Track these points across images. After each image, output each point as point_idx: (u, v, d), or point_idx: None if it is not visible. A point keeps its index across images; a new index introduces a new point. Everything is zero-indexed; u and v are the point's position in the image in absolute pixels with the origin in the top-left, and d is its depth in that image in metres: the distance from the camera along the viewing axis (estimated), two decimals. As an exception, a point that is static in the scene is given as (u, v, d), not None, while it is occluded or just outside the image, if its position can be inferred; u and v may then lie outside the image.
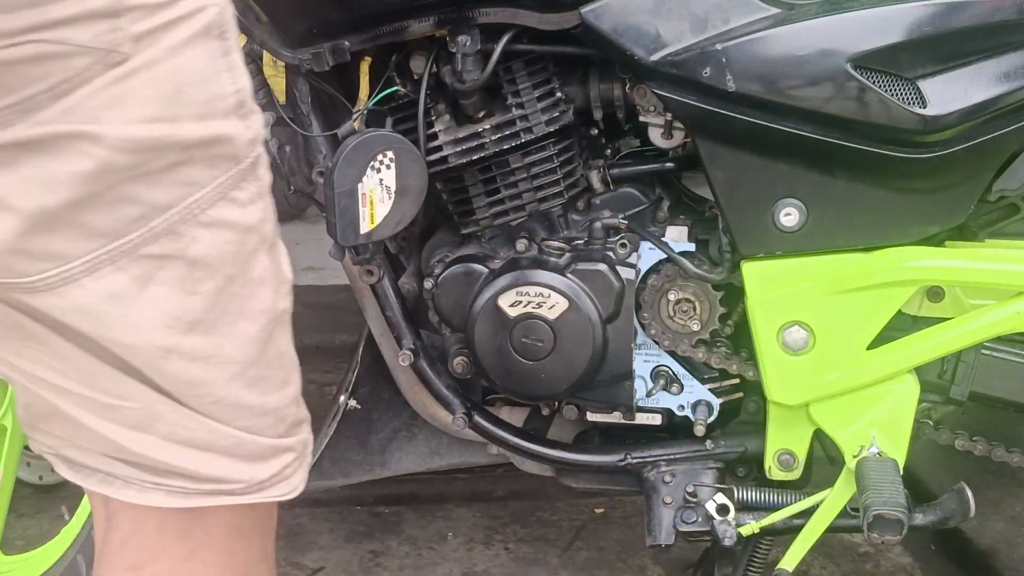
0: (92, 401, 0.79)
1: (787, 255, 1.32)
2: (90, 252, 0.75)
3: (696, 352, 1.42)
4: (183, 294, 0.79)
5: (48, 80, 0.71)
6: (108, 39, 0.72)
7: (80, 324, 0.77)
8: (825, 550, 1.95)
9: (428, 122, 1.36)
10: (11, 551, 1.85)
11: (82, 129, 0.73)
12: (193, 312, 0.80)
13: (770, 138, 1.26)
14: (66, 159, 0.73)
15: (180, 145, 0.77)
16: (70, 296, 0.75)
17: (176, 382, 0.81)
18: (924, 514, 1.33)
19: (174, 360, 0.80)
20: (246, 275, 0.83)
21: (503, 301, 1.37)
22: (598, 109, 1.40)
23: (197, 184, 0.79)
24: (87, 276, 0.75)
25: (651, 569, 1.95)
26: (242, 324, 0.83)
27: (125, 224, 0.76)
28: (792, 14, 1.25)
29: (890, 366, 1.31)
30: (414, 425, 1.67)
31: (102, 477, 0.83)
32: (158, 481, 0.82)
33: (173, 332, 0.79)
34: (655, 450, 1.46)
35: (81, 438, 0.82)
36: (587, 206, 1.45)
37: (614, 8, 1.26)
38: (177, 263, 0.79)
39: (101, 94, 0.73)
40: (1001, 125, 1.24)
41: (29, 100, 0.71)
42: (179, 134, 0.76)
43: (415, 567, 1.99)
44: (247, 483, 0.85)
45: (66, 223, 0.74)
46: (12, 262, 0.74)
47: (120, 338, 0.78)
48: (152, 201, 0.76)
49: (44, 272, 0.74)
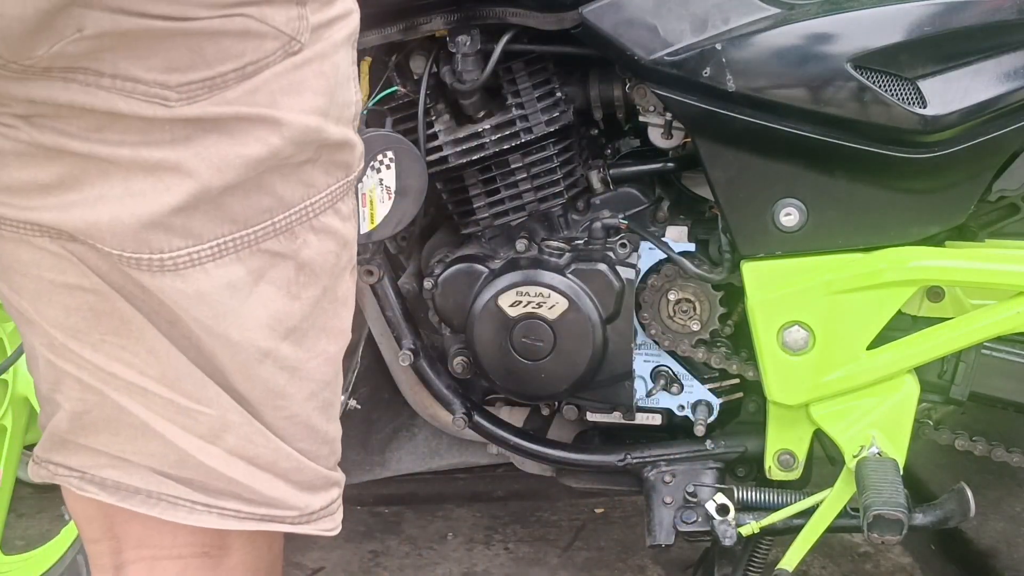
0: (169, 404, 0.77)
1: (787, 255, 1.31)
2: (220, 236, 0.75)
3: (696, 352, 1.42)
4: (287, 297, 0.79)
5: (241, 59, 0.72)
6: (295, 26, 0.74)
7: (195, 311, 0.75)
8: (825, 550, 1.95)
9: (428, 122, 1.36)
10: (11, 551, 1.85)
11: (264, 113, 0.73)
12: (292, 318, 0.79)
13: (770, 138, 1.26)
14: (243, 142, 0.73)
15: (321, 142, 0.78)
16: (193, 280, 0.75)
17: (261, 390, 0.79)
18: (924, 514, 1.33)
19: (267, 365, 0.79)
20: (335, 291, 0.83)
21: (503, 301, 1.37)
22: (598, 109, 1.40)
23: (315, 187, 0.79)
24: (212, 261, 0.75)
25: (651, 569, 1.95)
26: (325, 341, 0.83)
27: (256, 213, 0.76)
28: (792, 14, 1.25)
29: (890, 366, 1.31)
30: (414, 425, 1.67)
31: (145, 498, 0.80)
32: (211, 502, 0.80)
33: (273, 335, 0.78)
34: (655, 450, 1.46)
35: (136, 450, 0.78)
36: (587, 206, 1.45)
37: (614, 8, 1.26)
38: (288, 264, 0.78)
39: (281, 79, 0.74)
40: (1001, 125, 1.24)
41: (219, 77, 0.71)
42: (326, 132, 0.77)
43: (415, 567, 1.99)
44: (300, 511, 0.83)
45: (211, 204, 0.74)
46: (151, 236, 0.73)
47: (228, 332, 0.76)
48: (281, 194, 0.77)
49: (177, 250, 0.74)
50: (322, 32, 0.76)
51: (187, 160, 0.72)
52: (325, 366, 0.83)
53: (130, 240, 0.72)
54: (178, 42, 0.69)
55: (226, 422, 0.78)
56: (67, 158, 0.71)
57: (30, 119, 0.71)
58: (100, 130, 0.71)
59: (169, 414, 0.78)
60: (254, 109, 0.73)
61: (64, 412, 0.79)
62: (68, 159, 0.71)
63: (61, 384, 0.79)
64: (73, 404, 0.79)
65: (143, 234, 0.72)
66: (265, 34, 0.72)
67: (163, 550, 0.83)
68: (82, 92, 0.69)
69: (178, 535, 0.83)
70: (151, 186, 0.72)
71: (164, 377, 0.77)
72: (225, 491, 0.80)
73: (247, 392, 0.79)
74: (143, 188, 0.72)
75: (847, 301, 1.30)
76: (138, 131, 0.71)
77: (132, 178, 0.72)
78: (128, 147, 0.71)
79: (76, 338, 0.77)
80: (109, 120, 0.70)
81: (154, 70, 0.69)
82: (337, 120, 0.78)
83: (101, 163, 0.71)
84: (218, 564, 0.84)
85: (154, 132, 0.71)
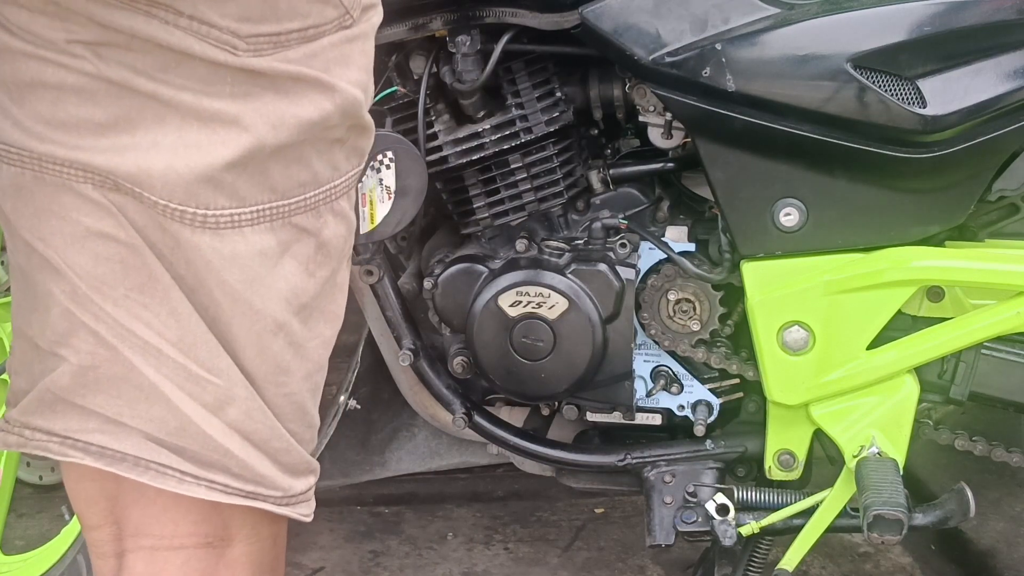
0: (181, 369, 0.77)
1: (787, 255, 1.32)
2: (260, 203, 0.76)
3: (696, 352, 1.42)
4: (305, 274, 0.80)
5: (306, 20, 0.74)
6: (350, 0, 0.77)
7: (227, 272, 0.76)
8: (825, 550, 1.95)
9: (428, 122, 1.36)
10: (11, 551, 1.85)
11: (320, 77, 0.76)
12: (306, 295, 0.81)
13: (770, 138, 1.26)
14: (298, 103, 0.75)
15: (356, 121, 0.80)
16: (231, 241, 0.76)
17: (269, 365, 0.81)
18: (924, 514, 1.33)
19: (279, 339, 0.80)
20: (336, 277, 0.85)
21: (503, 301, 1.37)
22: (598, 109, 1.40)
23: (339, 170, 0.81)
24: (250, 226, 0.76)
25: (651, 569, 1.95)
26: (324, 324, 0.85)
27: (293, 186, 0.78)
28: (792, 14, 1.25)
29: (890, 366, 1.31)
30: (414, 425, 1.67)
31: (132, 464, 0.78)
32: (200, 474, 0.79)
33: (288, 309, 0.80)
34: (655, 450, 1.46)
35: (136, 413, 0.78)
36: (587, 206, 1.45)
37: (614, 8, 1.26)
38: (310, 241, 0.80)
39: (335, 49, 0.77)
40: (1001, 125, 1.24)
41: (284, 35, 0.74)
42: (363, 110, 0.80)
43: (415, 567, 1.99)
44: (283, 492, 0.84)
45: (258, 167, 0.75)
46: (200, 189, 0.74)
47: (252, 298, 0.78)
48: (316, 171, 0.79)
49: (221, 209, 0.75)
50: (370, 12, 0.80)
51: (245, 114, 0.74)
52: (321, 348, 0.85)
53: (180, 191, 0.73)
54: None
55: (231, 395, 0.79)
56: (127, 97, 0.72)
57: (99, 49, 0.72)
58: (166, 70, 0.72)
59: (179, 379, 0.78)
60: (312, 72, 0.75)
61: (68, 366, 0.78)
62: (128, 98, 0.72)
63: (73, 336, 0.78)
64: (82, 358, 0.78)
65: (194, 187, 0.74)
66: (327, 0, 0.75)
67: (164, 539, 0.83)
68: (161, 28, 0.71)
69: (180, 524, 0.82)
70: (206, 138, 0.73)
71: (181, 341, 0.77)
72: (217, 464, 0.80)
73: (256, 367, 0.80)
74: (198, 139, 0.73)
75: (847, 301, 1.30)
76: (202, 78, 0.73)
77: (187, 127, 0.73)
78: (190, 92, 0.73)
79: (100, 290, 0.76)
80: (177, 61, 0.72)
81: (228, 17, 0.71)
82: (368, 103, 0.81)
83: (160, 107, 0.73)
84: (221, 555, 0.84)
85: (217, 82, 0.73)
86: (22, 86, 0.73)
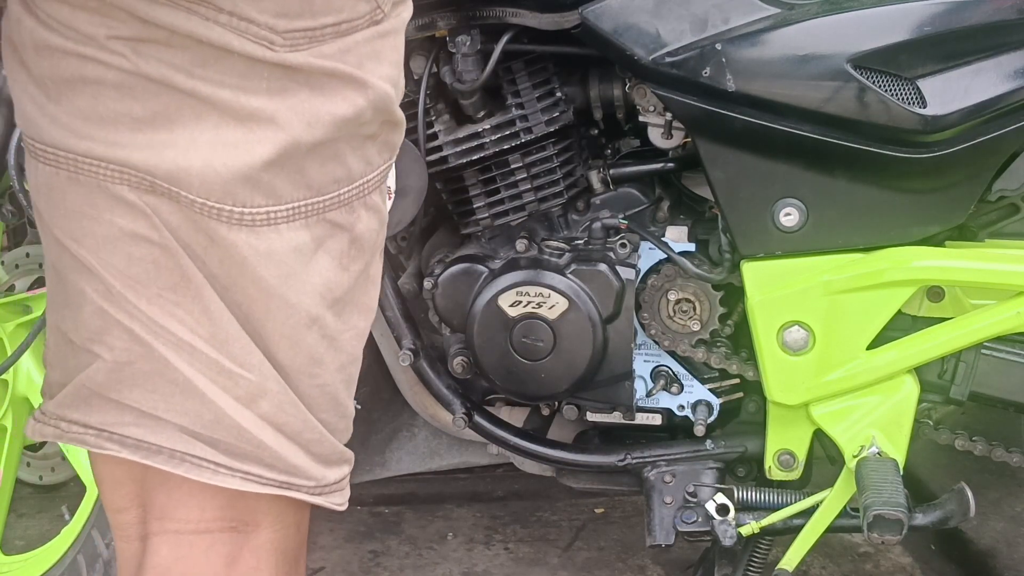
0: (214, 364, 0.78)
1: (787, 255, 1.32)
2: (296, 200, 0.77)
3: (696, 352, 1.42)
4: (339, 268, 0.81)
5: (340, 14, 0.75)
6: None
7: (263, 268, 0.77)
8: (825, 550, 1.95)
9: (428, 122, 1.36)
10: (11, 551, 1.85)
11: (354, 73, 0.76)
12: (340, 288, 0.82)
13: (770, 138, 1.26)
14: (332, 100, 0.76)
15: (388, 116, 0.81)
16: (266, 238, 0.76)
17: (303, 357, 0.81)
18: (924, 514, 1.33)
19: (313, 332, 0.81)
20: (369, 270, 0.85)
21: (503, 301, 1.37)
22: (598, 109, 1.40)
23: (371, 165, 0.82)
24: (286, 223, 0.77)
25: (651, 569, 1.95)
26: (358, 316, 0.85)
27: (328, 182, 0.78)
28: (792, 14, 1.25)
29: (890, 366, 1.31)
30: (414, 425, 1.67)
31: (168, 456, 0.79)
32: (234, 466, 0.80)
33: (322, 303, 0.81)
34: (655, 450, 1.46)
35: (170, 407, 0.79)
36: (587, 206, 1.45)
37: (614, 8, 1.26)
38: (344, 236, 0.81)
39: (367, 44, 0.77)
40: (1001, 125, 1.24)
41: (320, 30, 0.74)
42: (394, 106, 0.81)
43: (415, 567, 1.99)
44: (316, 482, 0.85)
45: (295, 164, 0.76)
46: (238, 188, 0.74)
47: (287, 294, 0.78)
48: (350, 167, 0.79)
49: (257, 207, 0.75)
50: (397, 8, 0.80)
51: (281, 112, 0.74)
52: (355, 340, 0.86)
53: (218, 189, 0.74)
54: None
55: (264, 388, 0.80)
56: (165, 94, 0.73)
57: (138, 46, 0.72)
58: (205, 66, 0.72)
59: (212, 373, 0.79)
60: (346, 67, 0.76)
61: (103, 363, 0.79)
62: (166, 95, 0.73)
63: (107, 334, 0.79)
64: (117, 354, 0.79)
65: (231, 185, 0.74)
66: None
67: (190, 523, 0.83)
68: (201, 24, 0.71)
69: (206, 509, 0.83)
70: (243, 136, 0.74)
71: (213, 338, 0.78)
72: (250, 455, 0.81)
73: (289, 360, 0.81)
74: (235, 138, 0.73)
75: (847, 301, 1.30)
76: (240, 74, 0.73)
77: (224, 125, 0.73)
78: (228, 89, 0.73)
79: (134, 289, 0.77)
80: (216, 57, 0.72)
81: (266, 12, 0.72)
82: (399, 97, 0.82)
83: (198, 104, 0.73)
84: (246, 540, 0.85)
85: (254, 77, 0.73)
86: (61, 83, 0.74)
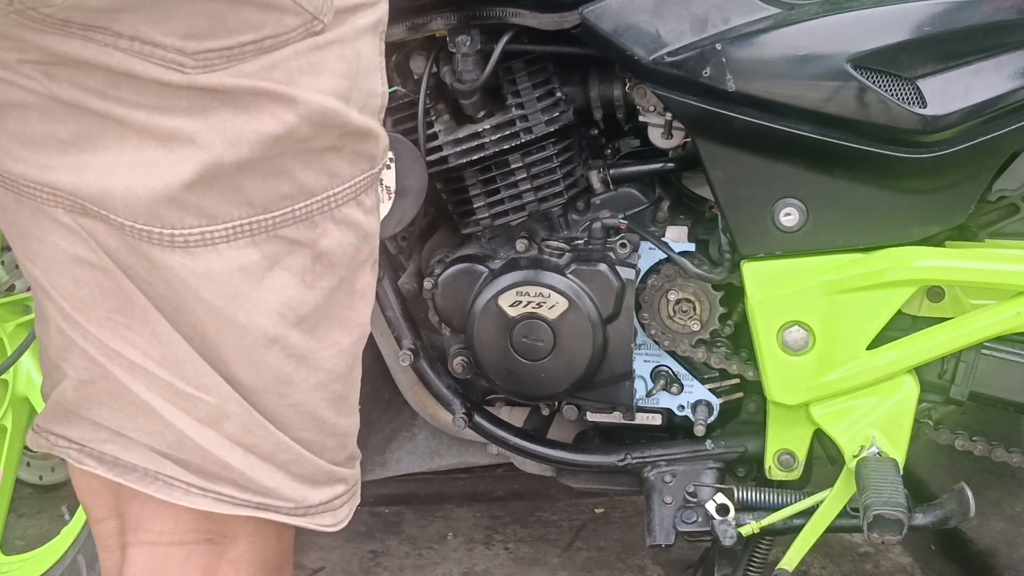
0: (169, 387, 0.77)
1: (787, 255, 1.31)
2: (236, 219, 0.75)
3: (696, 352, 1.42)
4: (302, 285, 0.79)
5: (261, 31, 0.72)
6: (316, 4, 0.74)
7: (204, 290, 0.75)
8: (825, 550, 1.95)
9: (428, 122, 1.36)
10: (11, 551, 1.85)
11: (280, 89, 0.73)
12: (306, 306, 0.80)
13: (770, 138, 1.26)
14: (258, 118, 0.73)
15: (343, 128, 0.78)
16: (204, 260, 0.74)
17: (267, 376, 0.79)
18: (924, 514, 1.33)
19: (275, 352, 0.79)
20: (352, 283, 0.83)
21: (503, 301, 1.37)
22: (598, 109, 1.40)
23: (339, 177, 0.79)
24: (225, 243, 0.75)
25: (651, 569, 1.95)
26: (339, 333, 0.83)
27: (275, 199, 0.76)
28: (792, 14, 1.25)
29: (890, 366, 1.31)
30: (414, 425, 1.67)
31: (142, 475, 0.79)
32: (206, 486, 0.80)
33: (283, 322, 0.79)
34: (655, 450, 1.46)
35: (136, 427, 0.78)
36: (587, 206, 1.45)
37: (614, 8, 1.26)
38: (305, 252, 0.78)
39: (301, 58, 0.74)
40: (1001, 125, 1.24)
41: (238, 48, 0.71)
42: (347, 117, 0.77)
43: (415, 567, 1.99)
44: (296, 503, 0.83)
45: (227, 183, 0.74)
46: (163, 210, 0.73)
47: (235, 314, 0.76)
48: (302, 182, 0.77)
49: (189, 228, 0.73)
50: (346, 16, 0.77)
51: (201, 132, 0.72)
52: (337, 358, 0.84)
53: (142, 212, 0.72)
54: (198, 7, 0.69)
55: (225, 411, 0.78)
56: (84, 115, 0.71)
57: (48, 69, 0.71)
58: (117, 87, 0.71)
59: (169, 395, 0.78)
60: (270, 84, 0.73)
61: (70, 380, 0.80)
62: (85, 116, 0.71)
63: (69, 352, 0.79)
64: (79, 373, 0.79)
65: (155, 207, 0.72)
66: (286, 8, 0.72)
67: (164, 535, 0.83)
68: (101, 51, 0.69)
69: (180, 520, 0.82)
70: (164, 157, 0.72)
71: (166, 360, 0.77)
72: (221, 476, 0.80)
73: (250, 379, 0.79)
74: (156, 158, 0.72)
75: (847, 301, 1.30)
76: (155, 94, 0.71)
77: (145, 145, 0.72)
78: (144, 111, 0.71)
79: (83, 312, 0.77)
80: (126, 80, 0.70)
81: (172, 35, 0.69)
82: (361, 108, 0.79)
83: (117, 125, 0.71)
84: (223, 552, 0.84)
85: (170, 98, 0.71)
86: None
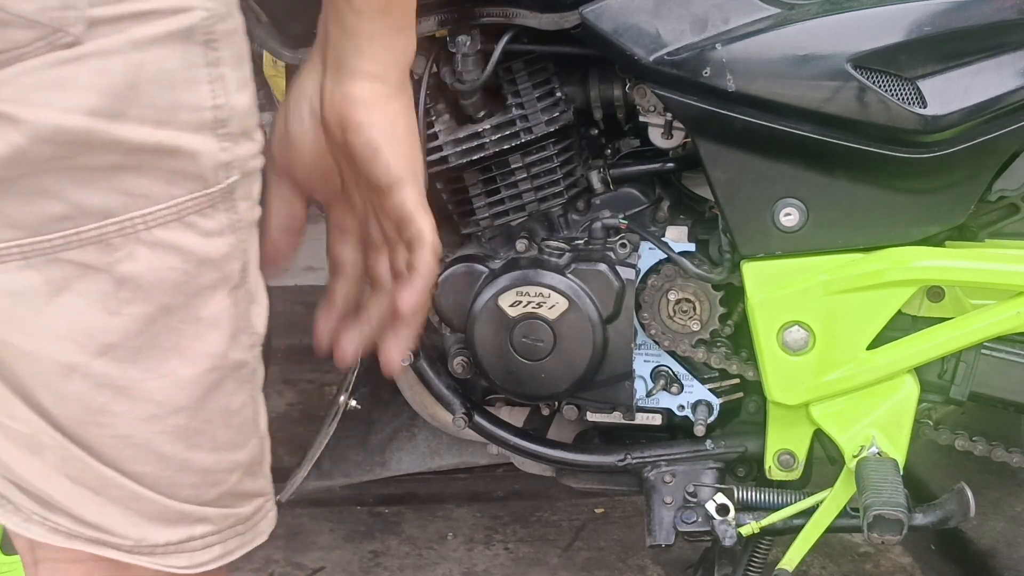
0: None
1: (787, 255, 1.31)
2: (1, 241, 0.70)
3: (696, 352, 1.42)
4: (102, 312, 0.73)
5: None
6: (57, 16, 0.67)
7: None
8: (825, 550, 1.95)
9: (428, 122, 1.36)
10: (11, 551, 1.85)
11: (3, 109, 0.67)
12: (110, 334, 0.74)
13: (770, 138, 1.26)
14: None
15: (121, 146, 0.71)
16: None
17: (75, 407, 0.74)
18: (924, 514, 1.33)
19: (76, 381, 0.73)
20: (191, 311, 0.76)
21: (503, 301, 1.37)
22: (598, 109, 1.40)
23: (147, 198, 0.72)
24: None
25: (651, 569, 1.95)
26: (175, 362, 0.76)
27: (45, 221, 0.70)
28: (792, 14, 1.25)
29: (890, 366, 1.31)
30: (414, 425, 1.67)
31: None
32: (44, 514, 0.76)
33: (80, 350, 0.73)
34: (655, 450, 1.46)
35: None
36: (587, 206, 1.45)
37: (614, 8, 1.26)
38: (102, 277, 0.72)
39: (39, 74, 0.68)
40: (1001, 125, 1.24)
41: None
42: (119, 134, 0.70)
43: (415, 567, 1.99)
44: (135, 541, 0.78)
45: None
46: None
47: (18, 341, 0.72)
48: (82, 203, 0.71)
49: None
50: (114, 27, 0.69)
51: None
52: (175, 389, 0.77)
53: None
54: None
55: (39, 441, 0.74)
56: None
57: None
58: None
59: None
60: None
61: None
62: None
63: None
64: None
65: None
66: (7, 23, 0.66)
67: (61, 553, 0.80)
68: None
69: None
70: None
71: None
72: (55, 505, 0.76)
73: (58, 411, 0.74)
74: None
75: (847, 301, 1.30)
76: None
77: None
78: None
79: None
80: None
81: None
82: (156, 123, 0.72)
83: None
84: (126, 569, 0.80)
85: None
86: None
